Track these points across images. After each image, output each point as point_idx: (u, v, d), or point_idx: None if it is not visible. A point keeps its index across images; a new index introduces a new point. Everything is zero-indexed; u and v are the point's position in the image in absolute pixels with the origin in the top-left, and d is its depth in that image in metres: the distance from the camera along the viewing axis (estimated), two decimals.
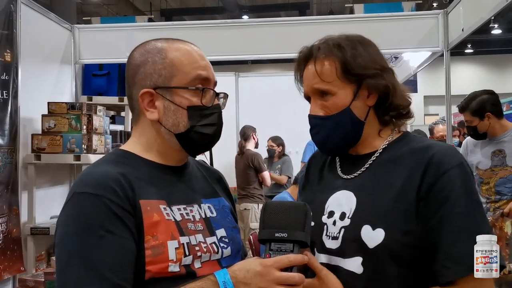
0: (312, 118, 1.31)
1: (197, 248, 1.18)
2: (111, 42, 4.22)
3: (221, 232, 1.27)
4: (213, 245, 1.23)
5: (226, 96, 1.32)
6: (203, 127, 1.24)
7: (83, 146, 3.44)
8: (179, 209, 1.20)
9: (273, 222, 1.15)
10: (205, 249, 1.19)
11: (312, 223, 1.23)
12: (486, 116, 3.27)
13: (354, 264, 1.19)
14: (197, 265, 1.17)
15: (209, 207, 1.29)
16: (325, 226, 1.27)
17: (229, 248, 1.27)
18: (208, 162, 5.31)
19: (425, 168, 1.18)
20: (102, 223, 1.07)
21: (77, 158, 3.40)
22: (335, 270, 1.21)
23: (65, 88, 4.15)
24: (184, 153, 1.28)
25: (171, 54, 1.24)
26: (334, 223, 1.25)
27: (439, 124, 5.20)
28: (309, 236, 1.16)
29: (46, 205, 3.58)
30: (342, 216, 1.25)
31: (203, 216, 1.25)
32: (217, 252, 1.22)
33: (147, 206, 1.14)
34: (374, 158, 1.29)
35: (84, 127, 3.48)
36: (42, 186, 3.57)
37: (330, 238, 1.25)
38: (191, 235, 1.18)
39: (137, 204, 1.13)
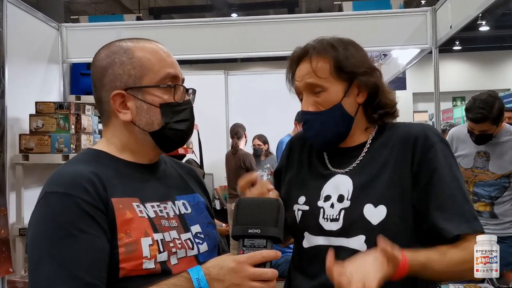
0: (304, 114, 1.38)
1: (171, 244, 1.18)
2: (99, 41, 4.14)
3: (196, 228, 1.28)
4: (188, 241, 1.23)
5: (194, 91, 1.33)
6: (176, 123, 1.25)
7: (71, 146, 3.41)
8: (152, 206, 1.21)
9: (246, 219, 1.17)
10: (179, 246, 1.20)
11: (307, 207, 1.34)
12: (502, 121, 3.14)
13: (358, 242, 1.27)
14: (173, 261, 1.17)
15: (183, 204, 1.30)
16: (322, 210, 1.33)
17: (205, 243, 1.28)
18: (198, 160, 5.26)
19: (413, 143, 1.31)
20: (74, 222, 1.08)
21: (66, 158, 3.36)
22: (338, 250, 1.25)
23: (53, 87, 4.12)
24: (158, 151, 1.29)
25: (138, 53, 1.23)
26: (332, 205, 1.32)
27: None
28: (282, 231, 1.19)
29: (34, 205, 3.54)
30: (340, 198, 1.32)
31: (177, 212, 1.26)
32: (192, 248, 1.23)
33: (119, 204, 1.14)
34: (366, 149, 1.38)
35: (73, 126, 3.45)
36: (30, 186, 3.54)
37: (329, 220, 1.31)
38: (165, 231, 1.19)
39: (109, 202, 1.13)
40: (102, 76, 1.24)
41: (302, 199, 1.38)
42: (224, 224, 4.49)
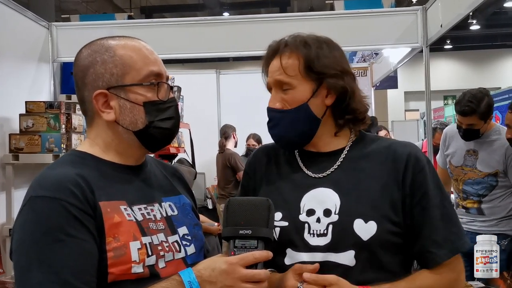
0: (270, 111, 1.34)
1: (159, 247, 1.17)
2: (90, 40, 4.14)
3: (183, 230, 1.26)
4: (175, 243, 1.22)
5: (179, 89, 1.31)
6: (161, 121, 1.23)
7: (62, 145, 3.39)
8: (140, 209, 1.19)
9: (236, 219, 1.16)
10: (167, 249, 1.19)
11: (286, 223, 1.28)
12: (490, 118, 3.16)
13: (347, 258, 1.24)
14: (161, 265, 1.16)
15: (170, 205, 1.28)
16: (306, 225, 1.28)
17: (192, 245, 1.26)
18: (190, 159, 5.23)
19: (405, 164, 1.29)
20: (62, 226, 1.05)
21: (56, 157, 3.34)
22: (325, 266, 1.23)
23: (43, 87, 4.09)
24: (143, 150, 1.27)
25: (120, 51, 1.21)
26: (318, 220, 1.27)
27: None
28: (272, 232, 1.18)
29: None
30: (327, 212, 1.27)
31: (164, 215, 1.24)
32: (179, 251, 1.22)
33: (107, 207, 1.12)
34: (344, 155, 1.34)
35: (63, 126, 3.43)
36: (21, 186, 3.51)
37: (316, 235, 1.26)
38: (153, 234, 1.17)
39: (97, 206, 1.11)
40: (84, 76, 1.22)
41: (277, 215, 1.29)
42: (216, 223, 4.48)
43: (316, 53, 1.30)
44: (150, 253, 1.14)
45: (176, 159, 4.46)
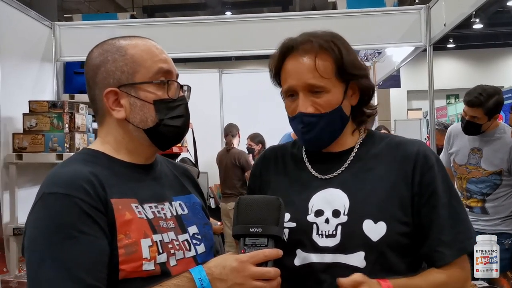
0: (305, 116, 1.28)
1: (170, 245, 1.18)
2: (93, 39, 4.10)
3: (193, 229, 1.27)
4: (185, 242, 1.23)
5: (189, 88, 1.31)
6: (171, 119, 1.23)
7: (65, 145, 3.40)
8: (150, 207, 1.20)
9: (247, 217, 1.16)
10: (177, 247, 1.19)
11: (294, 224, 1.28)
12: (494, 117, 3.17)
13: (357, 259, 1.23)
14: (172, 263, 1.17)
15: (180, 205, 1.29)
16: (315, 226, 1.27)
17: (202, 244, 1.27)
18: (192, 159, 5.23)
19: (414, 163, 1.28)
20: (74, 223, 1.06)
21: (60, 157, 3.35)
22: (334, 267, 1.23)
23: (46, 86, 4.09)
24: (154, 149, 1.27)
25: (131, 50, 1.22)
26: (327, 221, 1.26)
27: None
28: (282, 230, 1.18)
29: (28, 205, 3.43)
30: (336, 213, 1.27)
31: (175, 213, 1.25)
32: (189, 250, 1.23)
33: (118, 205, 1.13)
34: (353, 155, 1.33)
35: (66, 125, 3.44)
36: (24, 186, 3.52)
37: (324, 236, 1.26)
38: (163, 232, 1.18)
39: (108, 203, 1.12)
40: (95, 75, 1.23)
41: (286, 216, 1.26)
42: (218, 223, 4.48)
43: (345, 52, 1.28)
44: (161, 251, 1.15)
45: (179, 158, 4.47)
